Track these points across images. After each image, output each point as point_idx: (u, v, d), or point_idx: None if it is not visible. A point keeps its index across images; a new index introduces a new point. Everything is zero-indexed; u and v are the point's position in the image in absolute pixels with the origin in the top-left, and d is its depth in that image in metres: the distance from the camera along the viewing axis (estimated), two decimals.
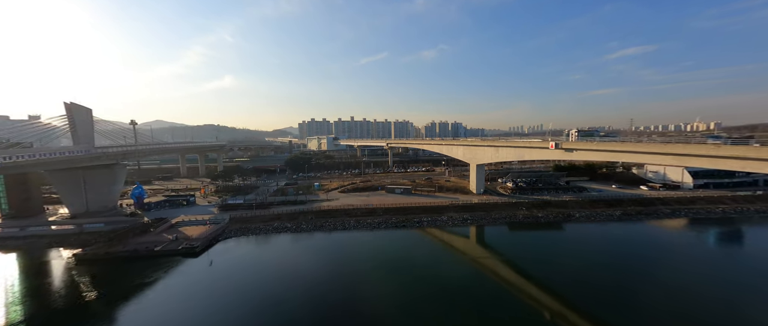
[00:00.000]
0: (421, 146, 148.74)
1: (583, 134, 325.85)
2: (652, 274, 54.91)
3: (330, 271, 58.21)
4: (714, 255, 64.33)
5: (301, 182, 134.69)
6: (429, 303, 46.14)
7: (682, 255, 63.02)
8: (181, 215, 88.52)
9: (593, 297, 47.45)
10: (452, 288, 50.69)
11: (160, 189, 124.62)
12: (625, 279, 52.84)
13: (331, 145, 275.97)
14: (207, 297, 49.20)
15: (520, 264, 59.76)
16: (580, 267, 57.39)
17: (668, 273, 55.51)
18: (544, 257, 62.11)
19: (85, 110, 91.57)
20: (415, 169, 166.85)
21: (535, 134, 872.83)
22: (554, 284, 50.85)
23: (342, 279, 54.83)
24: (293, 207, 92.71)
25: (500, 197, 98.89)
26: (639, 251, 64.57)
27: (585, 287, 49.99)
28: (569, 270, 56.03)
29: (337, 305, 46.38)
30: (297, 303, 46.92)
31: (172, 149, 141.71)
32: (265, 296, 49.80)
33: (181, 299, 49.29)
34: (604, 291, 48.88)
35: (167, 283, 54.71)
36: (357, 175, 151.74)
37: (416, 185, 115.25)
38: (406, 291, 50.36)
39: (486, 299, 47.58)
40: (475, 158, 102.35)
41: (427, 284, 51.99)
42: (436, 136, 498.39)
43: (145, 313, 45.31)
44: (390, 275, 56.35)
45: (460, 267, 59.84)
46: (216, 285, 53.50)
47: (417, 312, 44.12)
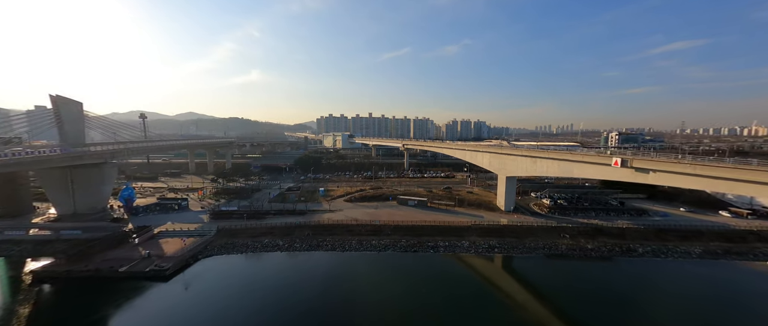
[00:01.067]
0: (440, 149, 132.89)
1: (625, 138, 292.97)
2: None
3: (321, 304, 47.93)
4: None
5: (307, 186, 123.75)
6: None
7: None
8: (169, 222, 79.89)
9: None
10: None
11: (161, 188, 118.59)
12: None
13: (346, 142, 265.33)
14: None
15: (565, 314, 44.41)
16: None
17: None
18: (597, 307, 46.22)
19: (74, 103, 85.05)
20: (432, 174, 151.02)
21: (565, 135, 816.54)
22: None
23: (334, 315, 45.17)
24: (290, 219, 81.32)
25: (535, 217, 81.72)
26: (733, 307, 46.59)
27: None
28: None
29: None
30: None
31: (171, 147, 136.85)
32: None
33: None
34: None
35: (122, 318, 44.81)
36: (368, 179, 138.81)
37: (433, 195, 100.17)
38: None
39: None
40: (505, 168, 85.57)
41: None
42: (457, 135, 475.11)
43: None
44: (393, 312, 45.68)
45: (481, 310, 45.69)
46: (182, 317, 43.74)
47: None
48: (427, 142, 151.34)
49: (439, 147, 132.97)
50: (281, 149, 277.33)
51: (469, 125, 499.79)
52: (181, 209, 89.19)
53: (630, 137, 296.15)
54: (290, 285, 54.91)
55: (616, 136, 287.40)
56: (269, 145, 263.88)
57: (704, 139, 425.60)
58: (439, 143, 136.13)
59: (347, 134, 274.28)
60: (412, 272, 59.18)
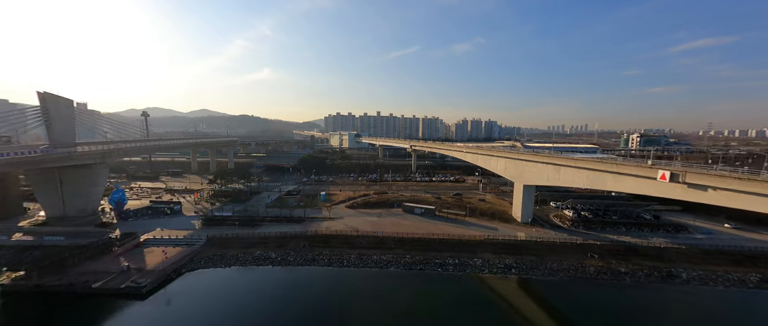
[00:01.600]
0: (450, 152, 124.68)
1: (647, 140, 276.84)
2: None
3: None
4: None
5: (308, 189, 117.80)
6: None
7: None
8: (158, 228, 75.03)
9: None
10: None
11: (158, 189, 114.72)
12: None
13: (352, 142, 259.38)
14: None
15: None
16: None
17: None
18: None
19: (63, 101, 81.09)
20: (441, 177, 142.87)
21: (579, 135, 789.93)
22: None
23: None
24: (286, 228, 75.30)
25: (556, 231, 73.12)
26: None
27: None
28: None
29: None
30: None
31: (168, 146, 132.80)
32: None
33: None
34: None
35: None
36: (373, 182, 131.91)
37: (442, 203, 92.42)
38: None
39: None
40: (523, 176, 77.08)
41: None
42: (467, 135, 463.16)
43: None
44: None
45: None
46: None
47: None
48: (436, 143, 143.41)
49: (449, 150, 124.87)
50: (288, 147, 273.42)
51: (479, 124, 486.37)
52: (173, 214, 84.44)
53: (652, 140, 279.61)
54: (280, 304, 48.91)
55: (638, 138, 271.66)
56: (275, 144, 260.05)
57: (731, 142, 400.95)
58: (448, 145, 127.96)
59: (354, 134, 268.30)
60: (416, 293, 52.11)
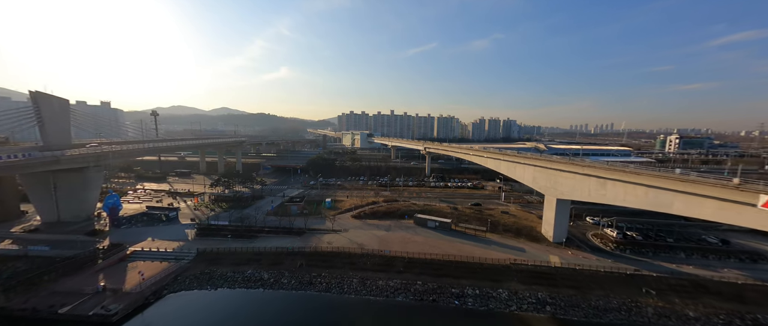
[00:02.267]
0: (467, 155, 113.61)
1: (687, 142, 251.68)
2: None
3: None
4: None
5: (315, 194, 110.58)
6: None
7: None
8: (149, 237, 69.69)
9: None
10: None
11: (161, 191, 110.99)
12: None
13: (364, 142, 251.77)
14: None
15: None
16: None
17: None
18: None
19: (57, 100, 77.35)
20: (457, 182, 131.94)
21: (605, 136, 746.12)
22: None
23: None
24: (284, 241, 67.99)
25: (598, 256, 61.49)
26: None
27: None
28: None
29: None
30: None
31: (168, 148, 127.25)
32: None
33: None
34: None
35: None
36: (384, 186, 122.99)
37: (459, 215, 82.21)
38: None
39: None
40: (557, 188, 65.69)
41: None
42: (485, 135, 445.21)
43: None
44: None
45: None
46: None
47: None
48: (453, 146, 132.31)
49: (467, 153, 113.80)
50: (300, 147, 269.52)
51: (497, 123, 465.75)
52: (169, 221, 79.19)
53: (693, 141, 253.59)
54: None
55: (677, 140, 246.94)
56: (286, 143, 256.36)
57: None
58: (466, 148, 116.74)
59: (366, 133, 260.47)
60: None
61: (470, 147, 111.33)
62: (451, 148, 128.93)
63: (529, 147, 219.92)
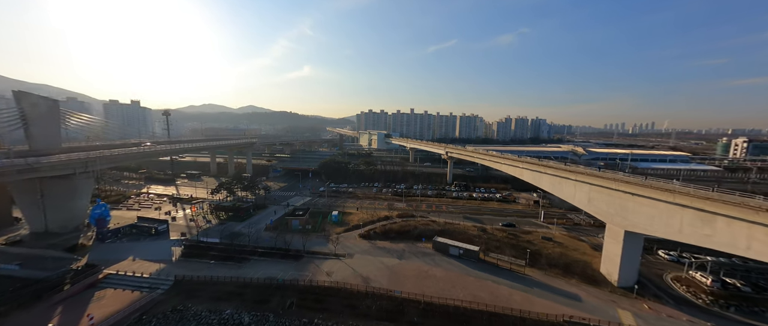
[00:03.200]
0: (499, 164, 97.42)
1: (757, 146, 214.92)
2: None
3: None
4: None
5: (322, 202, 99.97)
6: None
7: None
8: (130, 256, 61.91)
9: None
10: None
11: (164, 196, 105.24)
12: None
13: (381, 143, 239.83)
14: None
15: None
16: None
17: None
18: None
19: (44, 101, 71.71)
20: (484, 192, 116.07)
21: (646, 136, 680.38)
22: None
23: None
24: (278, 267, 57.52)
25: (688, 312, 44.85)
26: None
27: None
28: None
29: None
30: None
31: (175, 151, 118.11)
32: None
33: None
34: None
35: None
36: (399, 195, 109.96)
37: (488, 239, 67.52)
38: None
39: None
40: (626, 217, 49.47)
41: None
42: (511, 134, 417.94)
43: None
44: None
45: None
46: None
47: None
48: (480, 152, 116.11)
49: (497, 162, 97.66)
50: (316, 147, 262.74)
51: (525, 123, 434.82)
52: (157, 235, 71.49)
53: (765, 146, 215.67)
54: None
55: (745, 144, 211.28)
56: (301, 143, 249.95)
57: None
58: (496, 156, 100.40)
59: (384, 134, 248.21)
60: None
61: (502, 155, 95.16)
62: (478, 154, 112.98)
63: (565, 151, 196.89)
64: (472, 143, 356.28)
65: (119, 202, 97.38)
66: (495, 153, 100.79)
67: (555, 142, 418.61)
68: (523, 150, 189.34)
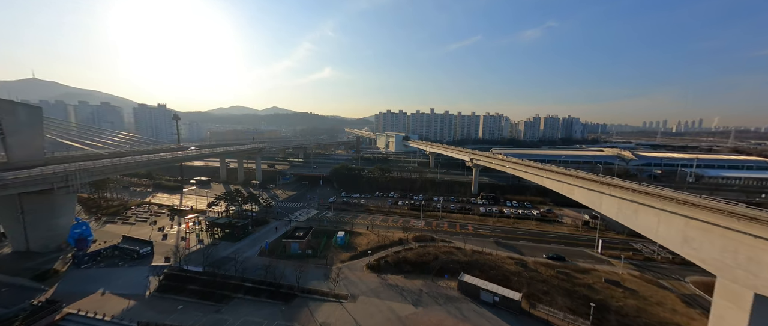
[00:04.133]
0: (537, 177, 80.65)
1: None
2: None
3: None
4: None
5: (330, 218, 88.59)
6: None
7: None
8: (101, 288, 53.48)
9: None
10: None
11: (165, 207, 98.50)
12: None
13: (399, 146, 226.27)
14: None
15: None
16: None
17: None
18: None
19: (24, 109, 65.67)
20: (517, 207, 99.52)
21: (694, 135, 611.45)
22: None
23: None
24: (262, 313, 46.48)
25: None
26: None
27: None
28: None
29: None
30: None
31: (175, 159, 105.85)
32: None
33: None
34: None
35: None
36: (417, 209, 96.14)
37: (531, 279, 52.21)
38: None
39: None
40: (760, 274, 32.75)
41: None
42: (539, 135, 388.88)
43: None
44: None
45: None
46: None
47: None
48: (514, 160, 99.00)
49: (537, 175, 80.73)
50: (332, 150, 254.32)
51: (555, 122, 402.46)
52: (140, 259, 63.10)
53: None
54: None
55: None
56: (316, 146, 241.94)
57: None
58: (535, 168, 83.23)
59: (402, 136, 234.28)
60: None
61: (544, 167, 78.26)
62: (513, 164, 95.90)
63: (609, 155, 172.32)
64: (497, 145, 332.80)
65: (117, 213, 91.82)
66: (534, 164, 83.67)
67: (590, 143, 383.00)
68: (558, 155, 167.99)
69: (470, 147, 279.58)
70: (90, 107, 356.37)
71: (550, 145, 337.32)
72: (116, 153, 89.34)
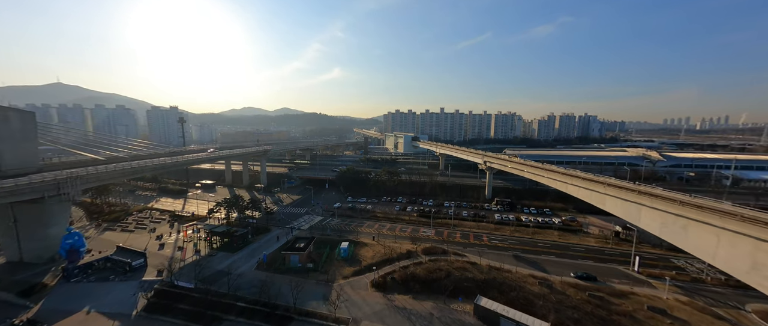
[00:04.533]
0: (560, 184, 72.97)
1: None
2: None
3: None
4: None
5: (334, 225, 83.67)
6: None
7: None
8: (86, 306, 49.94)
9: None
10: None
11: (164, 214, 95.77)
12: None
13: (408, 147, 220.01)
14: None
15: None
16: None
17: None
18: None
19: (16, 114, 63.25)
20: (537, 214, 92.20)
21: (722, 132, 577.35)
22: None
23: None
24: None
25: None
26: None
27: None
28: None
29: None
30: None
31: (170, 165, 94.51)
32: None
33: None
34: None
35: None
36: (426, 216, 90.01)
37: (559, 304, 45.40)
38: None
39: None
40: None
41: None
42: (554, 134, 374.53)
43: None
44: None
45: None
46: None
47: None
48: (530, 163, 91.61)
49: (559, 180, 73.34)
50: (340, 151, 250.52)
51: (571, 120, 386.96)
52: (133, 272, 59.64)
53: None
54: None
55: None
56: (324, 147, 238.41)
57: None
58: (558, 174, 75.69)
59: (411, 137, 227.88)
60: None
61: (568, 172, 70.84)
62: (530, 168, 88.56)
63: (634, 156, 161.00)
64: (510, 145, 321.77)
65: (118, 220, 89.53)
66: (557, 169, 76.21)
67: (609, 142, 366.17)
68: (578, 156, 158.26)
69: (482, 147, 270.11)
70: (105, 111, 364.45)
71: (565, 144, 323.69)
72: (114, 159, 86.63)
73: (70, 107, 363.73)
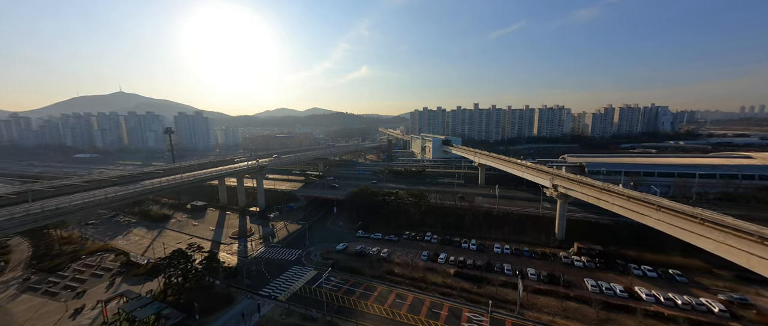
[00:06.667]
0: (736, 255, 36.89)
1: None
2: None
3: None
4: None
5: (330, 289, 55.17)
6: None
7: None
8: None
9: None
10: None
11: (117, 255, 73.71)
12: None
13: (437, 151, 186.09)
14: None
15: None
16: None
17: None
18: None
19: None
20: (658, 283, 56.51)
21: None
22: None
23: None
24: None
25: None
26: None
27: None
28: None
29: None
30: None
31: (109, 201, 66.56)
32: None
33: None
34: None
35: None
36: (471, 277, 57.99)
37: None
38: None
39: None
40: None
41: None
42: (612, 130, 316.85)
43: None
44: None
45: None
46: None
47: None
48: (668, 208, 55.04)
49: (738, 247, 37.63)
50: (362, 155, 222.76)
51: (634, 113, 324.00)
52: None
53: None
54: None
55: None
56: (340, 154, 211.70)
57: None
58: (739, 235, 39.95)
59: (440, 139, 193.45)
60: None
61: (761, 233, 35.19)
62: (670, 215, 52.39)
63: (756, 165, 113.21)
64: (560, 143, 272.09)
65: (58, 268, 68.47)
66: (744, 227, 40.18)
67: (685, 137, 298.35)
68: (675, 164, 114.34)
69: (523, 148, 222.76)
70: (136, 117, 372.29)
71: (629, 142, 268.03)
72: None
73: (107, 115, 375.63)
